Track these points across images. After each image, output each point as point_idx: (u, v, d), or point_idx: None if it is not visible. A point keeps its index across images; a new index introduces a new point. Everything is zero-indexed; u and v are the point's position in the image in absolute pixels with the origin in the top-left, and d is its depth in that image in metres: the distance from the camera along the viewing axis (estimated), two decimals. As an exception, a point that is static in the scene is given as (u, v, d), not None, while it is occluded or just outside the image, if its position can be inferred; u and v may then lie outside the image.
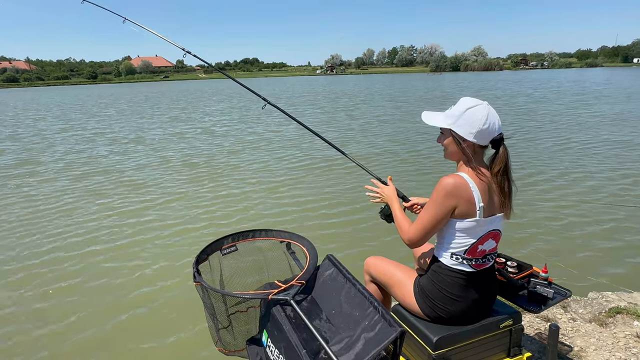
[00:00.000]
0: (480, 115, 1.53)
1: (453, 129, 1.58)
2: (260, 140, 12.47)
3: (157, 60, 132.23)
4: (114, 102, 32.32)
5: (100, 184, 8.02)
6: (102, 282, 4.30)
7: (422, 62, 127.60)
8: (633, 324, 2.65)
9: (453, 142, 1.60)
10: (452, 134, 1.59)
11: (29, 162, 10.36)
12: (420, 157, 9.57)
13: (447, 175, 1.56)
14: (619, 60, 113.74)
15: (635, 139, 10.53)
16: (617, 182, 7.01)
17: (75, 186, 7.83)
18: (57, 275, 4.45)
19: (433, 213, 1.57)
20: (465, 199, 1.52)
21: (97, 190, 7.60)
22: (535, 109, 18.04)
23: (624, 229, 5.12)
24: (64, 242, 5.26)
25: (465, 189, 1.52)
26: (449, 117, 1.60)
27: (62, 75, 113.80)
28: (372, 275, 1.99)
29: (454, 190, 1.52)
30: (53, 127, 17.38)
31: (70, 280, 4.34)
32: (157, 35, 2.82)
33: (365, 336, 1.36)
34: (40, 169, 9.51)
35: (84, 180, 8.24)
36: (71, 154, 11.26)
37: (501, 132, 1.57)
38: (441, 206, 1.55)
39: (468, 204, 1.53)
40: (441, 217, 1.56)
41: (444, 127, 1.62)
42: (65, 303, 3.93)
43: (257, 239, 2.09)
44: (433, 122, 1.67)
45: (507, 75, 68.29)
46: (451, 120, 1.59)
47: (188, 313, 3.65)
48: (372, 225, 5.47)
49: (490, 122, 1.53)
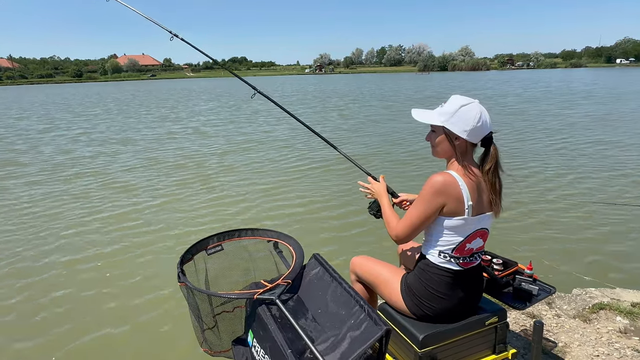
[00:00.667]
0: (474, 113, 1.53)
1: (447, 126, 1.56)
2: (249, 141, 12.41)
3: (144, 58, 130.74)
4: (100, 101, 31.80)
5: (86, 186, 7.88)
6: (88, 283, 4.22)
7: (410, 61, 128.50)
8: (616, 320, 2.70)
9: (445, 139, 1.59)
10: (444, 131, 1.58)
11: (10, 163, 10.12)
12: (414, 157, 9.62)
13: (437, 173, 1.55)
14: (602, 61, 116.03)
15: (621, 139, 10.72)
16: (603, 180, 7.13)
17: (59, 189, 7.65)
18: (44, 280, 4.35)
19: (421, 210, 1.56)
20: (454, 197, 1.52)
21: (83, 192, 7.46)
22: (527, 108, 18.26)
23: (608, 226, 5.21)
24: (49, 247, 5.15)
25: (454, 187, 1.52)
26: (441, 114, 1.59)
27: (46, 73, 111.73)
28: (358, 274, 1.98)
29: (443, 188, 1.52)
30: (36, 127, 16.98)
31: (57, 286, 4.23)
32: (143, 15, 2.60)
33: (351, 335, 1.36)
34: (21, 171, 9.25)
35: (71, 183, 8.07)
36: (55, 155, 10.97)
37: (492, 130, 1.58)
38: (429, 204, 1.54)
39: (457, 202, 1.53)
40: (429, 214, 1.56)
41: (437, 125, 1.61)
42: (54, 311, 3.84)
43: (243, 239, 2.06)
44: (425, 120, 1.65)
45: (495, 75, 69.17)
46: (444, 118, 1.57)
47: (173, 314, 3.60)
48: (360, 225, 5.48)
49: (483, 120, 1.54)
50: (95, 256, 4.81)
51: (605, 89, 29.71)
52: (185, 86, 58.89)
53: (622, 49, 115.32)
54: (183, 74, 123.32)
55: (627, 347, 2.41)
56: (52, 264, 4.64)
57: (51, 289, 4.14)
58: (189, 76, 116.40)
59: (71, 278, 4.35)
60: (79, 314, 3.72)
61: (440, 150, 1.64)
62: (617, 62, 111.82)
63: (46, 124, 18.16)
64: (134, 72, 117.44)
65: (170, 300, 3.83)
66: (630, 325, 2.63)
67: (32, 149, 11.84)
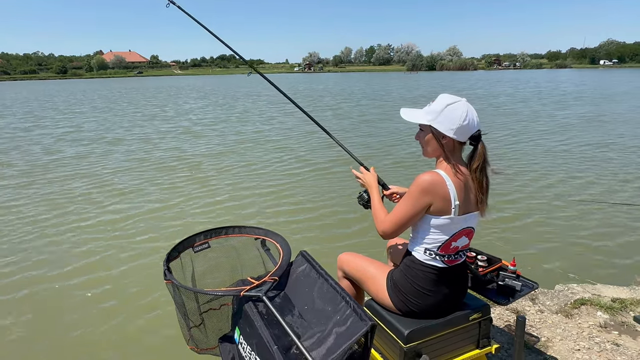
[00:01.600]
0: (460, 112, 1.53)
1: (433, 125, 1.57)
2: (239, 140, 12.35)
3: (131, 55, 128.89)
4: (87, 99, 31.25)
5: (73, 189, 7.76)
6: (74, 282, 4.17)
7: (399, 61, 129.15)
8: (596, 315, 2.77)
9: (433, 138, 1.60)
10: (432, 130, 1.59)
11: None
12: (414, 158, 9.67)
13: (425, 172, 1.56)
14: (586, 62, 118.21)
15: (614, 140, 10.90)
16: (589, 180, 7.28)
17: (43, 192, 7.50)
18: (27, 286, 4.28)
19: (408, 208, 1.58)
20: (441, 196, 1.54)
21: (71, 192, 7.35)
22: (520, 109, 18.27)
23: (591, 224, 5.33)
24: (32, 253, 5.06)
25: (442, 186, 1.53)
26: (428, 113, 1.60)
27: (30, 69, 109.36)
28: (345, 271, 2.00)
29: (430, 187, 1.53)
30: (19, 125, 16.57)
31: (43, 282, 4.18)
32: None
33: (336, 330, 1.37)
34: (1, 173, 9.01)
35: (54, 186, 7.92)
36: (40, 155, 10.68)
37: (479, 128, 1.59)
38: (417, 202, 1.56)
39: (444, 202, 1.54)
40: (416, 212, 1.58)
41: (424, 124, 1.62)
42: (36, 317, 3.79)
43: (230, 236, 2.05)
44: (413, 119, 1.66)
45: (483, 75, 69.74)
46: (431, 117, 1.58)
47: (160, 312, 3.58)
48: (347, 222, 5.51)
49: (470, 119, 1.54)
50: (81, 254, 4.76)
51: (595, 89, 30.10)
52: (173, 84, 58.23)
53: (606, 50, 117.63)
54: (170, 71, 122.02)
55: (607, 341, 2.48)
56: (39, 265, 4.57)
57: (35, 288, 4.08)
58: (176, 73, 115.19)
59: (60, 276, 4.30)
60: (63, 313, 3.67)
61: (429, 149, 1.65)
62: (601, 63, 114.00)
63: (32, 121, 17.78)
64: (121, 69, 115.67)
65: (157, 299, 3.81)
66: (610, 320, 2.70)
67: (13, 150, 11.43)
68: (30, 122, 17.51)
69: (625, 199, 6.25)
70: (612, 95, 25.30)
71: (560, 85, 37.19)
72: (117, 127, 15.19)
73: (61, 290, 4.04)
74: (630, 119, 14.65)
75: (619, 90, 28.90)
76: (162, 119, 17.52)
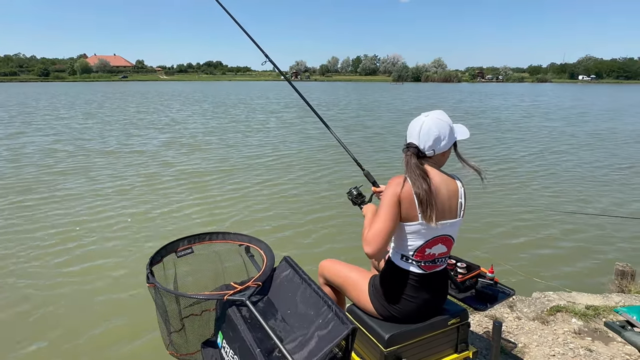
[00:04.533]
0: (416, 126, 1.66)
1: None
2: (226, 146, 12.31)
3: (115, 59, 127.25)
4: (72, 104, 30.64)
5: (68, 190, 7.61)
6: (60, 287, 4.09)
7: (384, 71, 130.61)
8: (571, 321, 2.85)
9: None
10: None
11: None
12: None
13: (394, 177, 1.63)
14: (566, 77, 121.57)
15: (597, 155, 11.26)
16: (568, 191, 7.49)
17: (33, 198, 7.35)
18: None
19: (384, 211, 1.59)
20: (406, 199, 1.58)
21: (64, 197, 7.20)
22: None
23: (567, 235, 5.48)
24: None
25: (407, 190, 1.57)
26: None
27: (10, 71, 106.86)
28: (326, 277, 2.02)
29: (398, 188, 1.57)
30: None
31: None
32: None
33: (318, 334, 1.39)
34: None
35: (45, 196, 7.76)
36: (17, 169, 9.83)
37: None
38: (388, 204, 1.58)
39: (408, 205, 1.58)
40: (391, 214, 1.58)
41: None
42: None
43: (214, 242, 2.06)
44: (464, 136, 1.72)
45: (469, 87, 70.79)
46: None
47: (140, 317, 3.54)
48: (330, 229, 5.55)
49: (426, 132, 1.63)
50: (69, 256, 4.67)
51: (594, 105, 29.99)
52: (159, 89, 57.64)
53: (584, 66, 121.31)
54: (156, 76, 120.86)
55: (580, 347, 2.55)
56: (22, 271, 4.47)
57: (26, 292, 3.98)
58: (162, 79, 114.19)
59: (46, 281, 4.21)
60: (46, 320, 3.60)
61: None
62: (580, 79, 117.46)
63: (12, 128, 17.37)
64: (105, 72, 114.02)
65: (139, 302, 3.77)
66: (584, 326, 2.79)
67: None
68: (14, 128, 17.12)
69: (603, 211, 6.45)
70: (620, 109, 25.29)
71: (556, 100, 36.96)
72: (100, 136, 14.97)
73: (36, 297, 3.96)
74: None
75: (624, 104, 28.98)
76: (145, 124, 17.35)
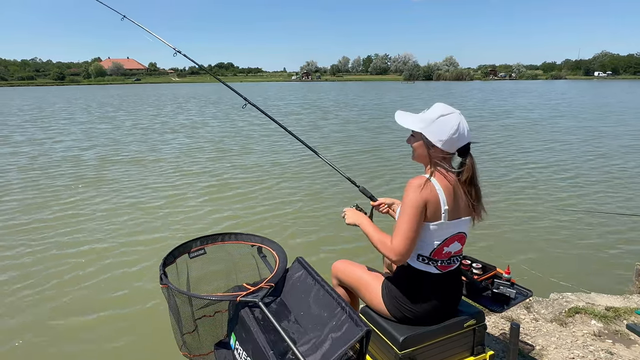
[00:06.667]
0: (452, 124, 1.54)
1: (424, 133, 1.59)
2: (240, 148, 12.37)
3: (129, 62, 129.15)
4: (87, 108, 31.09)
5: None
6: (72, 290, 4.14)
7: (395, 70, 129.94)
8: (590, 323, 2.78)
9: (422, 145, 1.61)
10: (422, 138, 1.60)
11: None
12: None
13: (414, 177, 1.58)
14: (581, 73, 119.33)
15: (609, 152, 10.98)
16: (586, 189, 7.33)
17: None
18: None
19: (410, 215, 1.53)
20: (432, 200, 1.54)
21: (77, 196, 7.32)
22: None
23: (585, 233, 5.36)
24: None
25: (431, 189, 1.54)
26: (422, 120, 1.60)
27: (27, 75, 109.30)
28: (339, 278, 2.00)
29: (422, 190, 1.53)
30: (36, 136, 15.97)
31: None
32: (155, 36, 2.80)
33: (332, 336, 1.38)
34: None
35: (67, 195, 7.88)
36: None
37: (470, 141, 1.60)
38: (414, 206, 1.53)
39: (435, 206, 1.55)
40: (418, 217, 1.53)
41: (416, 130, 1.62)
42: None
43: (226, 243, 2.06)
44: (405, 124, 1.65)
45: (483, 85, 69.42)
46: (423, 125, 1.59)
47: (154, 318, 3.57)
48: (343, 230, 5.51)
49: (461, 132, 1.55)
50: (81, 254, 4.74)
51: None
52: (173, 91, 58.09)
53: (600, 62, 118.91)
54: (168, 78, 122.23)
55: (601, 349, 2.49)
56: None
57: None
58: (174, 81, 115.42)
59: (57, 285, 4.27)
60: (52, 318, 3.65)
61: (417, 155, 1.66)
62: (595, 75, 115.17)
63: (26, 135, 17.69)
64: (119, 75, 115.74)
65: (152, 303, 3.80)
66: (604, 328, 2.71)
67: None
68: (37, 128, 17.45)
69: (622, 209, 6.30)
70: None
71: (584, 98, 33.62)
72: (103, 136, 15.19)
73: (46, 301, 4.02)
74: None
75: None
76: (160, 125, 17.54)
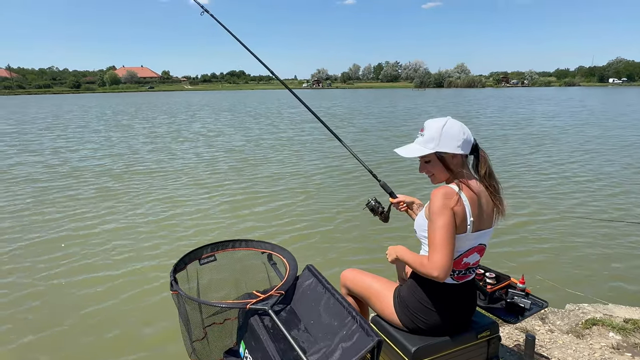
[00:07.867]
0: (456, 128, 1.58)
1: (438, 150, 1.58)
2: (251, 155, 12.44)
3: (143, 70, 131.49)
4: (102, 116, 31.67)
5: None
6: (81, 294, 4.18)
7: (406, 78, 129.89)
8: (608, 335, 2.70)
9: (439, 164, 1.61)
10: (438, 156, 1.60)
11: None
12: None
13: (438, 188, 1.56)
14: (595, 80, 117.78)
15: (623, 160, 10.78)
16: (601, 199, 7.18)
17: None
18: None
19: (443, 225, 1.48)
20: (459, 212, 1.51)
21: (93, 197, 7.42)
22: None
23: (600, 242, 5.24)
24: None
25: (457, 199, 1.51)
26: (427, 142, 1.59)
27: (44, 83, 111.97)
28: (349, 287, 1.96)
29: (449, 198, 1.50)
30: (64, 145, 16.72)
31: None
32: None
33: (342, 346, 1.36)
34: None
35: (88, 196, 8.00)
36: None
37: (474, 137, 1.63)
38: (446, 215, 1.48)
39: (461, 217, 1.51)
40: (452, 227, 1.48)
41: (427, 153, 1.60)
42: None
43: (237, 249, 2.06)
44: (416, 153, 1.63)
45: (493, 92, 68.68)
46: (433, 144, 1.58)
47: (164, 324, 3.57)
48: (353, 238, 5.49)
49: (465, 131, 1.59)
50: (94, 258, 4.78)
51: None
52: (186, 99, 58.74)
53: (615, 68, 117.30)
54: (181, 86, 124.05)
55: (620, 363, 2.41)
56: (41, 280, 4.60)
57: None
58: (187, 89, 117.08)
59: (64, 289, 4.32)
60: (62, 320, 3.68)
61: (437, 177, 1.65)
62: (610, 82, 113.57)
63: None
64: (133, 83, 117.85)
65: (162, 309, 3.81)
66: (622, 341, 2.63)
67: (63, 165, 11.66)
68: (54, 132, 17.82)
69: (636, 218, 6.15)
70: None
71: (601, 104, 32.72)
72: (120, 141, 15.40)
73: (59, 300, 4.05)
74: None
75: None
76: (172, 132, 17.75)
